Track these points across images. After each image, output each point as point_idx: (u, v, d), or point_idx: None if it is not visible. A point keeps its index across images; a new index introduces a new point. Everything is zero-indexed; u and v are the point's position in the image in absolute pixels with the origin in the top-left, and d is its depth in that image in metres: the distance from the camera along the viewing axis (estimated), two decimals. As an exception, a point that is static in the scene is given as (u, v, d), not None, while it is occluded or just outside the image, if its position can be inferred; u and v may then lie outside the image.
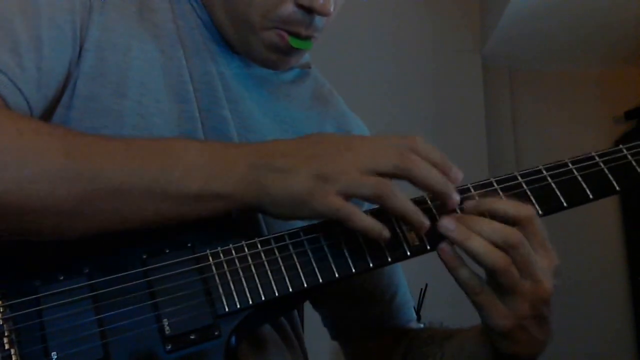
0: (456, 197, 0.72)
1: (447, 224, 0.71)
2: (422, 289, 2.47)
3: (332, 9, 0.82)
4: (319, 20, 0.84)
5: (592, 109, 3.46)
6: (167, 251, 0.71)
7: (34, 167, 0.65)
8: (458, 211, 0.75)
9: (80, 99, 0.79)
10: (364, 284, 0.98)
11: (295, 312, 0.95)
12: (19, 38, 0.74)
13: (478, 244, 0.70)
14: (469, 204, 0.75)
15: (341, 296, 0.99)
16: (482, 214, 0.74)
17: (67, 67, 0.79)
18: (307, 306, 0.99)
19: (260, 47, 0.86)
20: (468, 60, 3.25)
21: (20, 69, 0.73)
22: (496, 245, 0.70)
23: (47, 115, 0.78)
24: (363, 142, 0.73)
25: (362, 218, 0.69)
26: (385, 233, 0.71)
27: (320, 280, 0.71)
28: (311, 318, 1.06)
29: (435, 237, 0.73)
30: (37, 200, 0.65)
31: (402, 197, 0.70)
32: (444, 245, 0.72)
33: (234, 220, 0.73)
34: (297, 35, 0.84)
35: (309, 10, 0.81)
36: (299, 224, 0.74)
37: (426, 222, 0.71)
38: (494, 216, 0.73)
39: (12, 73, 0.72)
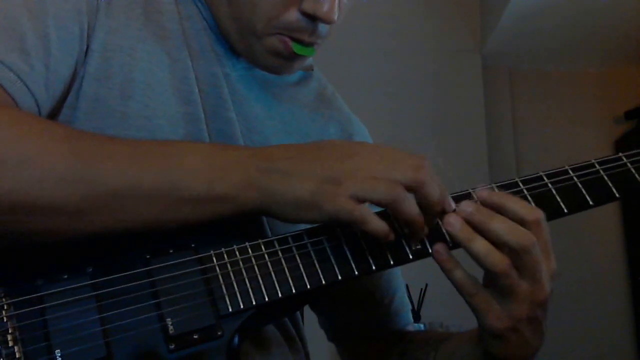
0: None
1: (453, 222, 0.71)
2: (422, 289, 2.47)
3: (336, 17, 0.82)
4: (322, 27, 0.84)
5: (592, 109, 3.46)
6: (171, 251, 0.71)
7: (39, 168, 0.65)
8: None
9: (85, 99, 0.79)
10: (363, 287, 0.99)
11: (298, 312, 0.96)
12: (26, 37, 0.74)
13: (481, 246, 0.70)
14: (482, 193, 0.74)
15: (339, 299, 1.00)
16: (493, 206, 0.73)
17: (73, 67, 0.79)
18: (307, 307, 0.99)
19: (263, 53, 0.86)
20: (468, 60, 3.25)
21: (29, 68, 0.73)
22: (508, 245, 0.70)
23: (53, 115, 0.79)
24: (369, 149, 0.73)
25: (375, 220, 0.69)
26: (392, 235, 0.71)
27: (323, 282, 0.72)
28: (311, 319, 1.06)
29: (436, 241, 0.74)
30: (40, 201, 0.65)
31: (413, 203, 0.70)
32: (438, 247, 0.72)
33: (237, 222, 0.73)
34: (300, 42, 0.84)
35: (313, 18, 0.81)
36: (302, 226, 0.75)
37: (425, 231, 0.73)
38: (503, 212, 0.73)
39: (21, 72, 0.72)
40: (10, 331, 0.65)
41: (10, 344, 0.64)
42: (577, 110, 3.43)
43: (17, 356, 0.64)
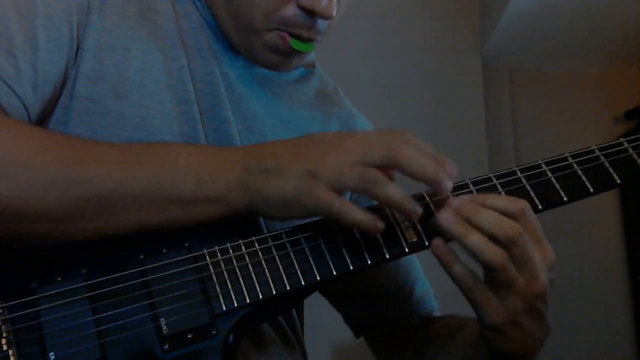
0: (448, 184, 0.70)
1: (446, 217, 0.70)
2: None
3: (334, 13, 0.81)
4: (321, 23, 0.83)
5: (592, 109, 3.45)
6: (165, 251, 0.71)
7: (28, 173, 0.65)
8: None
9: (79, 100, 0.79)
10: (382, 281, 0.98)
11: (294, 312, 0.95)
12: (14, 39, 0.74)
13: (476, 240, 0.69)
14: (462, 198, 0.74)
15: (359, 295, 0.99)
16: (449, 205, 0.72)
17: (63, 68, 0.79)
18: (307, 306, 0.98)
19: (262, 49, 0.86)
20: (468, 60, 3.24)
21: (15, 71, 0.73)
22: (496, 238, 0.69)
23: (45, 116, 0.78)
24: (352, 137, 0.72)
25: (355, 211, 0.69)
26: (380, 225, 0.70)
27: (318, 278, 0.71)
28: (311, 318, 1.06)
29: (433, 234, 0.73)
30: (31, 206, 0.65)
31: (390, 184, 0.69)
32: (437, 242, 0.71)
33: (232, 220, 0.73)
34: (298, 37, 0.84)
35: (312, 13, 0.81)
36: (297, 222, 0.74)
37: (418, 209, 0.70)
38: None
39: (6, 75, 0.72)
40: (4, 335, 0.65)
41: (5, 347, 0.64)
42: (577, 110, 3.43)
43: (11, 359, 0.64)
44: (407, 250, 0.73)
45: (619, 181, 0.78)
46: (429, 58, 3.21)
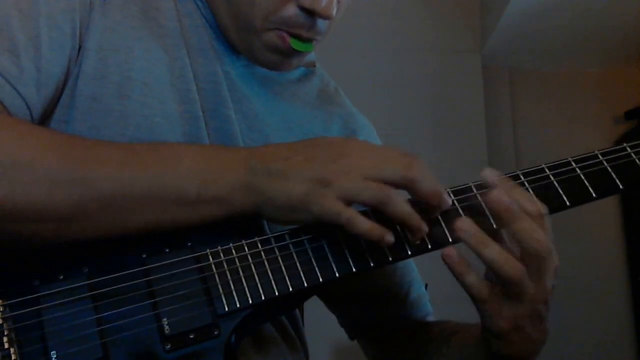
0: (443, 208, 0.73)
1: (465, 227, 0.69)
2: (422, 288, 2.46)
3: (334, 13, 0.82)
4: (321, 23, 0.83)
5: (592, 109, 3.45)
6: (167, 250, 0.71)
7: (32, 174, 0.65)
8: (461, 213, 0.75)
9: (82, 99, 0.79)
10: (378, 283, 0.98)
11: (298, 312, 0.95)
12: (17, 38, 0.74)
13: (495, 253, 0.68)
14: (491, 179, 0.72)
15: (355, 297, 0.99)
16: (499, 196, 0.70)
17: (65, 66, 0.79)
18: (307, 306, 0.98)
19: (262, 48, 0.86)
20: (468, 60, 3.24)
21: (18, 70, 0.73)
22: (528, 251, 0.68)
23: (46, 115, 0.78)
24: (363, 147, 0.73)
25: (363, 222, 0.69)
26: (388, 238, 0.70)
27: (321, 280, 0.71)
28: (311, 318, 1.06)
29: (437, 237, 0.73)
30: (35, 206, 0.65)
31: (403, 201, 0.70)
32: (448, 251, 0.70)
33: (235, 220, 0.73)
34: (298, 37, 0.84)
35: (311, 13, 0.81)
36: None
37: (424, 227, 0.71)
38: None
39: (9, 75, 0.72)
40: (6, 333, 0.65)
41: (6, 345, 0.64)
42: (577, 110, 3.43)
43: (13, 358, 0.64)
44: (410, 253, 0.74)
45: (621, 186, 0.78)
46: (429, 58, 3.20)
